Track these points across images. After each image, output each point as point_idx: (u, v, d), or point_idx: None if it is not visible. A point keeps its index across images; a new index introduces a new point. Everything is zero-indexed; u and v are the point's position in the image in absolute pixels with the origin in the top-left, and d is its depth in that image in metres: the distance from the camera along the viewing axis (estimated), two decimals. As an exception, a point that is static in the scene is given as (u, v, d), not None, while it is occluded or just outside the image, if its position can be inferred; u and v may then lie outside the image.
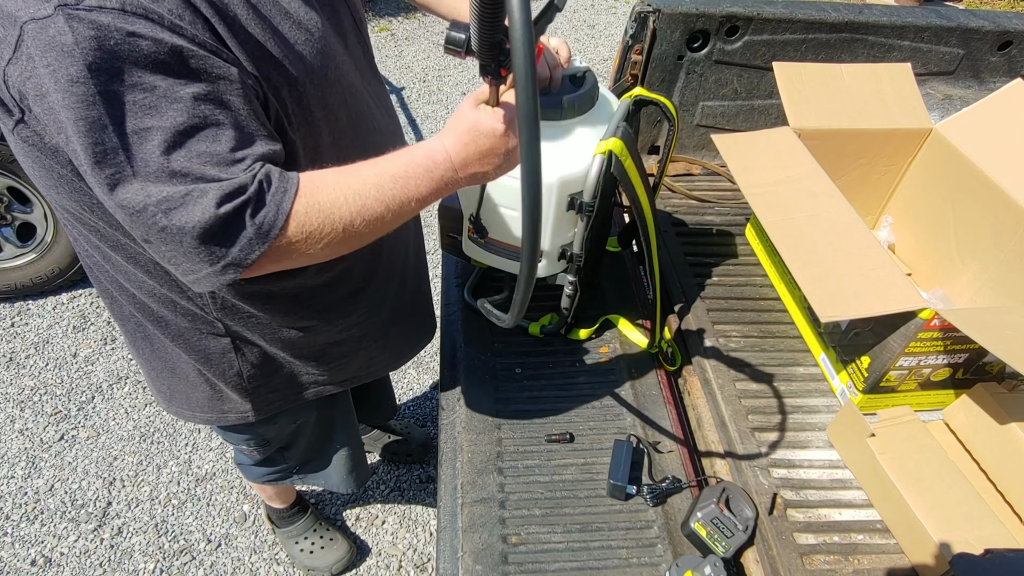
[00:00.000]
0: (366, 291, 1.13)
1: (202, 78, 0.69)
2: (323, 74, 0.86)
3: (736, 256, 1.61)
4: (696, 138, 1.92)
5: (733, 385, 1.29)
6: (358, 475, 1.56)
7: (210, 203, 0.68)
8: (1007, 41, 1.75)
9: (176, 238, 0.70)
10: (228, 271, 0.73)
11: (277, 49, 0.78)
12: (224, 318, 1.01)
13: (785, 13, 1.66)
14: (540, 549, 1.04)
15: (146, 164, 0.68)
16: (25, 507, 1.92)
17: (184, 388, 1.14)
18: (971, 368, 1.19)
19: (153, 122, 0.67)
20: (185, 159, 0.68)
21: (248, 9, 0.76)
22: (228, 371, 1.10)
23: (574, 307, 1.32)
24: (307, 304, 1.06)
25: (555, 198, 1.09)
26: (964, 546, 0.95)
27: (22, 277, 2.42)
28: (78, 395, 2.22)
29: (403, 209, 0.79)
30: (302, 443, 1.40)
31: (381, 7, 4.75)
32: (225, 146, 0.70)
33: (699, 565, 0.97)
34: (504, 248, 1.21)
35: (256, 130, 0.74)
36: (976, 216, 1.35)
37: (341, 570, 1.82)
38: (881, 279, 1.09)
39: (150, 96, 0.66)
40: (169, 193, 0.68)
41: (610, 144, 1.06)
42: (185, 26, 0.67)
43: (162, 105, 0.67)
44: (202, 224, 0.69)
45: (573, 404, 1.26)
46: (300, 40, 0.82)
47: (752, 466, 1.15)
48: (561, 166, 1.06)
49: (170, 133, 0.67)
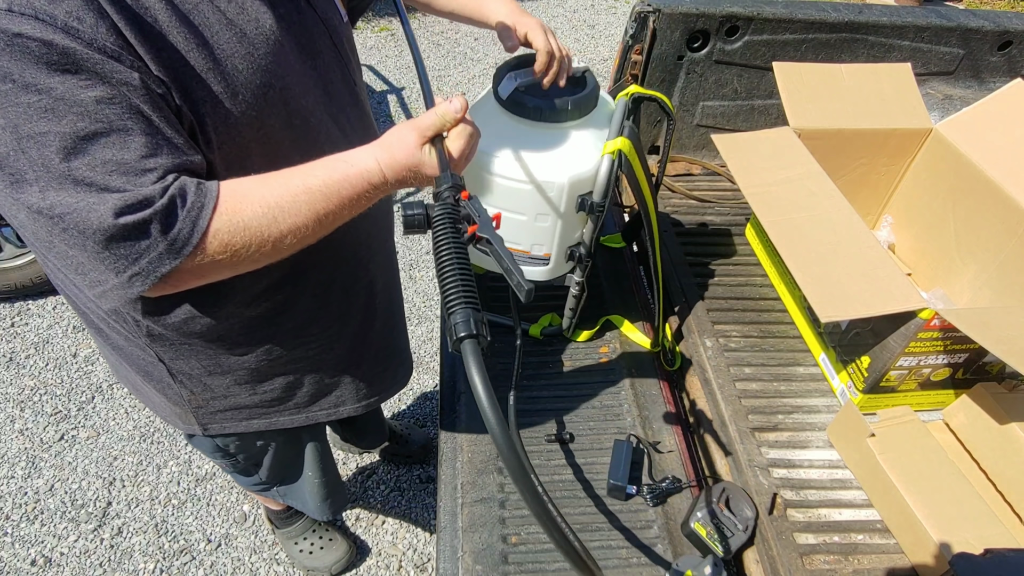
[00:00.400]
0: (315, 325, 1.08)
1: (104, 82, 0.65)
2: (262, 93, 0.80)
3: (736, 256, 1.61)
4: (696, 138, 1.92)
5: (733, 385, 1.29)
6: (333, 503, 1.53)
7: (107, 213, 0.66)
8: (1007, 41, 1.75)
9: (79, 243, 0.68)
10: (135, 282, 0.71)
11: (201, 60, 0.73)
12: (153, 345, 0.97)
13: (785, 13, 1.66)
14: (540, 549, 1.04)
15: (46, 169, 0.65)
16: (25, 507, 1.92)
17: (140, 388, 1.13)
18: (971, 368, 1.19)
19: (50, 127, 0.64)
20: (88, 167, 0.66)
21: (172, 15, 0.71)
22: (168, 390, 1.07)
23: (580, 307, 1.32)
24: (246, 334, 1.01)
25: (565, 199, 1.09)
26: (964, 546, 0.95)
27: (22, 277, 2.42)
28: (78, 395, 2.22)
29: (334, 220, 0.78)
30: (268, 462, 1.35)
31: (381, 7, 4.75)
32: (133, 154, 0.67)
33: (699, 565, 0.97)
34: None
35: (170, 137, 0.71)
36: (976, 216, 1.35)
37: (341, 570, 1.82)
38: (881, 279, 1.09)
39: (45, 99, 0.63)
40: (68, 201, 0.65)
41: (618, 143, 1.07)
42: (83, 28, 0.63)
43: (60, 108, 0.64)
44: (101, 231, 0.66)
45: (573, 404, 1.26)
46: (236, 53, 0.77)
47: (752, 466, 1.15)
48: (569, 167, 1.06)
49: (70, 139, 0.64)
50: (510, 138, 1.07)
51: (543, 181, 1.07)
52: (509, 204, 1.12)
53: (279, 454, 1.34)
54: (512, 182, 1.08)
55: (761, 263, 1.57)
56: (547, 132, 1.08)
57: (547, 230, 1.15)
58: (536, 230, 1.15)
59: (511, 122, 1.09)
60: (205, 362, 1.02)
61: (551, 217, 1.12)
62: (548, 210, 1.11)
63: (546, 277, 1.24)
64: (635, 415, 1.24)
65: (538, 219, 1.13)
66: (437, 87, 3.98)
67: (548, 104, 1.05)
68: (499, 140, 1.07)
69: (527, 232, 1.16)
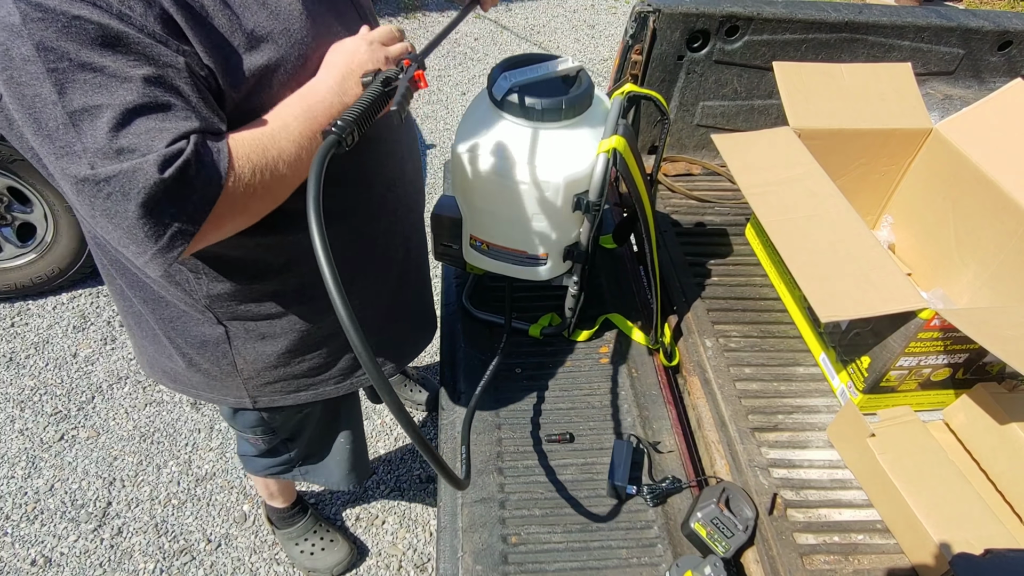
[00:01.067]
0: (356, 284, 1.14)
1: (151, 63, 0.71)
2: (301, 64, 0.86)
3: (736, 256, 1.61)
4: (696, 138, 1.92)
5: (733, 385, 1.29)
6: (359, 472, 1.57)
7: (152, 169, 0.71)
8: (1007, 41, 1.75)
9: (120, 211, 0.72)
10: (176, 242, 0.75)
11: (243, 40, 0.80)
12: (212, 307, 1.04)
13: (785, 13, 1.66)
14: (540, 549, 1.04)
15: (94, 140, 0.70)
16: (25, 507, 1.92)
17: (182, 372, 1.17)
18: (971, 368, 1.19)
19: (103, 100, 0.69)
20: (133, 135, 0.71)
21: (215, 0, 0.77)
22: (222, 360, 1.12)
23: (579, 307, 1.32)
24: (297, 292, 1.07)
25: (561, 199, 1.09)
26: (964, 546, 0.95)
27: (22, 277, 2.42)
28: (78, 395, 2.22)
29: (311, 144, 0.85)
30: (307, 434, 1.41)
31: (381, 7, 4.75)
32: (172, 125, 0.73)
33: (699, 565, 0.97)
34: (507, 253, 1.21)
35: (206, 116, 0.77)
36: (976, 216, 1.35)
37: (342, 572, 1.82)
38: (881, 279, 1.09)
39: (99, 76, 0.69)
40: (114, 169, 0.70)
41: (613, 142, 1.06)
42: (134, 15, 0.70)
43: (112, 85, 0.69)
44: (146, 191, 0.71)
45: (573, 404, 1.26)
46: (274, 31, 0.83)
47: (752, 466, 1.15)
48: (565, 166, 1.06)
49: (119, 111, 0.70)
50: (505, 138, 1.07)
51: (539, 181, 1.06)
52: (506, 204, 1.12)
53: (318, 426, 1.41)
54: (508, 182, 1.08)
55: (761, 263, 1.57)
56: (542, 132, 1.07)
57: (544, 230, 1.15)
58: (533, 230, 1.15)
59: (506, 123, 1.08)
60: (262, 325, 1.09)
61: (547, 217, 1.12)
62: (544, 210, 1.11)
63: (544, 277, 1.24)
64: (635, 415, 1.24)
65: (535, 219, 1.13)
66: (437, 87, 3.99)
67: (542, 103, 1.04)
68: (494, 141, 1.07)
69: (524, 232, 1.16)
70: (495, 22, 4.75)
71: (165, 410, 2.19)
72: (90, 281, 2.60)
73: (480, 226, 1.21)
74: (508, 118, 1.08)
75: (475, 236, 1.23)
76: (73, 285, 2.57)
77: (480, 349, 1.35)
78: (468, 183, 1.12)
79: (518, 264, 1.23)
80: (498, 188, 1.09)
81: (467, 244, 1.26)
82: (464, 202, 1.20)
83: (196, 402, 2.22)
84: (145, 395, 2.23)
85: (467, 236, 1.24)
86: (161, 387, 2.24)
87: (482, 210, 1.17)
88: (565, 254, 1.21)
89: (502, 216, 1.16)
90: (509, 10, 4.94)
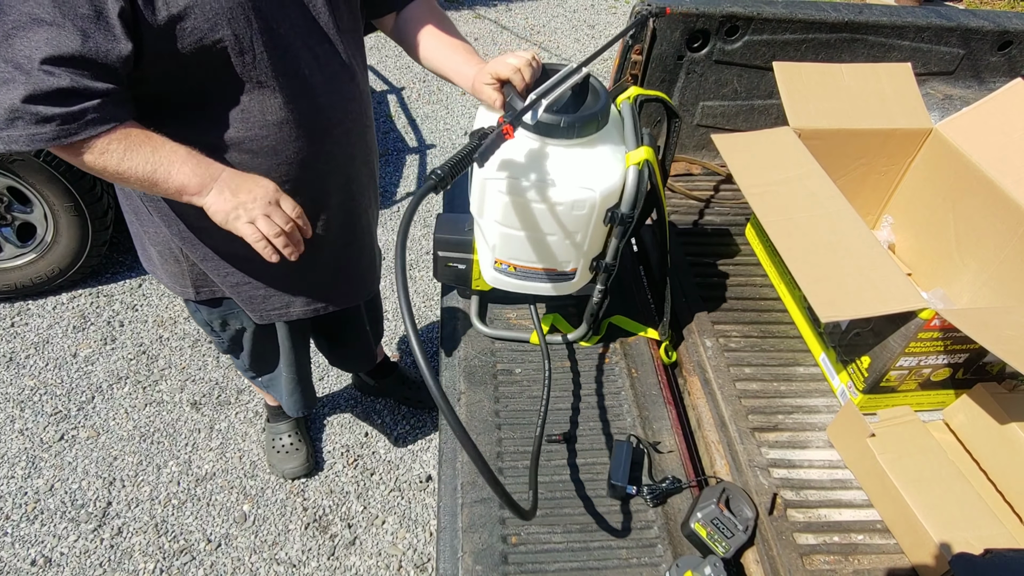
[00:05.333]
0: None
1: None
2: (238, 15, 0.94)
3: (736, 256, 1.61)
4: (696, 138, 1.92)
5: (733, 385, 1.29)
6: (298, 401, 1.74)
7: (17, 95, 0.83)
8: (1007, 41, 1.75)
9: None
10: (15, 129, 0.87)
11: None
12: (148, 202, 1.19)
13: (785, 13, 1.66)
14: (540, 549, 1.04)
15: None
16: (25, 507, 1.92)
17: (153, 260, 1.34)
18: (971, 368, 1.19)
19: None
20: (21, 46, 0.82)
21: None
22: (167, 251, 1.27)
23: (601, 312, 1.32)
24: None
25: (596, 214, 1.06)
26: (964, 546, 0.95)
27: (22, 277, 2.42)
28: (78, 395, 2.22)
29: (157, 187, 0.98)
30: (248, 348, 1.57)
31: (381, 7, 4.74)
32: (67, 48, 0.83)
33: (699, 565, 0.97)
34: (535, 272, 1.20)
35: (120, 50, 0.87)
36: (976, 216, 1.35)
37: (294, 476, 2.02)
38: (881, 279, 1.09)
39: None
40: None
41: (643, 153, 1.05)
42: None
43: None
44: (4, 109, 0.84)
45: (573, 404, 1.26)
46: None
47: (752, 466, 1.15)
48: (599, 181, 1.03)
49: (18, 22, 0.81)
50: (531, 159, 1.04)
51: (574, 200, 1.03)
52: (536, 226, 1.09)
53: (256, 343, 1.56)
54: (542, 204, 1.05)
55: (761, 263, 1.57)
56: (569, 149, 1.04)
57: (576, 246, 1.13)
58: (565, 247, 1.13)
59: (529, 143, 1.05)
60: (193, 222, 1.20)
61: (580, 233, 1.10)
62: (579, 227, 1.08)
63: (572, 290, 1.24)
64: (635, 415, 1.24)
65: (568, 237, 1.10)
66: (437, 87, 3.99)
67: (570, 120, 1.00)
68: (520, 163, 1.04)
69: (556, 250, 1.14)
70: (495, 22, 4.75)
71: (165, 410, 2.19)
72: (90, 281, 2.59)
73: (507, 249, 1.17)
74: (532, 137, 1.04)
75: (501, 260, 1.20)
76: (73, 285, 2.57)
77: (480, 349, 1.35)
78: (497, 209, 1.08)
79: (546, 282, 1.21)
80: (530, 210, 1.06)
81: (488, 267, 1.24)
82: (489, 227, 1.15)
83: (196, 402, 2.22)
84: (145, 395, 2.23)
85: (489, 260, 1.22)
86: (161, 387, 2.25)
87: (510, 235, 1.13)
88: (592, 265, 1.20)
89: (533, 238, 1.12)
90: (509, 10, 4.94)
